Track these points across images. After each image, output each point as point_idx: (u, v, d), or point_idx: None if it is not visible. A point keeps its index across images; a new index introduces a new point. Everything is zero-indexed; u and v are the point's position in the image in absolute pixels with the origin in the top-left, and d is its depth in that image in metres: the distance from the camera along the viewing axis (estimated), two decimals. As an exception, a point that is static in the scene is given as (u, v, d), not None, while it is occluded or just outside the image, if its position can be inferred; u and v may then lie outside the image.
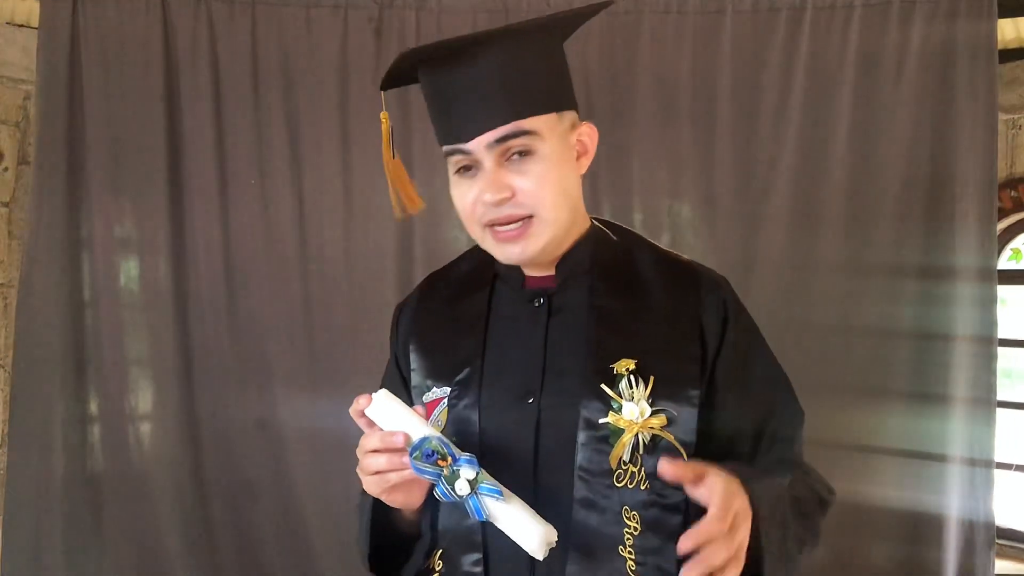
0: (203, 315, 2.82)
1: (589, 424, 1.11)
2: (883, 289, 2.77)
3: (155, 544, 2.80)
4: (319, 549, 2.83)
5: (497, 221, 1.15)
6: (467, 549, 1.14)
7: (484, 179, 1.13)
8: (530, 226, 1.14)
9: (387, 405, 1.09)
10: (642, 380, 1.12)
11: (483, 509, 1.03)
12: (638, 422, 1.11)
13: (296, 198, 2.84)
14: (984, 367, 2.72)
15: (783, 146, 2.79)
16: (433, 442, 1.03)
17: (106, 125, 2.76)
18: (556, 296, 1.21)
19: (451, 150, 1.16)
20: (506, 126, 1.12)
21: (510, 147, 1.13)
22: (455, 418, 1.16)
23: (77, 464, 2.78)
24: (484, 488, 1.03)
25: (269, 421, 2.83)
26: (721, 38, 2.81)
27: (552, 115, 1.16)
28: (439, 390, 1.20)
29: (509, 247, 1.16)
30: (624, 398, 1.11)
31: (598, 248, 1.25)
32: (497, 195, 1.12)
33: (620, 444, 1.10)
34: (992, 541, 2.76)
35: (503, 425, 1.14)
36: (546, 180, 1.14)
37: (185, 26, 2.79)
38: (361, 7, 2.83)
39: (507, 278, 1.25)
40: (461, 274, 1.32)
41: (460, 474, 1.02)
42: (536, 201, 1.13)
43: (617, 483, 1.10)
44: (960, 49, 2.71)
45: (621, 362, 1.13)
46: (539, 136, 1.13)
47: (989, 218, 2.73)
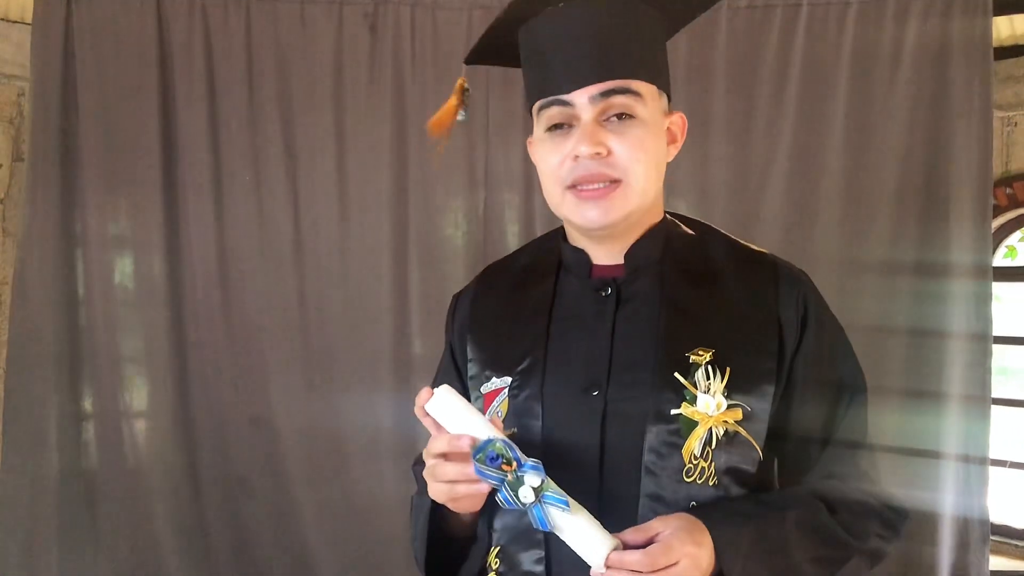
0: (197, 312, 2.82)
1: (660, 416, 1.06)
2: (878, 286, 2.77)
3: (149, 541, 2.79)
4: (313, 546, 2.83)
5: (584, 179, 1.09)
6: (528, 547, 1.10)
7: (580, 133, 1.08)
8: (616, 189, 1.09)
9: (448, 401, 1.04)
10: (719, 371, 1.07)
11: (547, 519, 0.98)
12: (713, 415, 1.06)
13: (291, 195, 2.84)
14: (979, 364, 2.72)
15: (778, 143, 2.79)
16: (498, 445, 0.98)
17: (100, 122, 2.75)
18: (625, 286, 1.16)
19: (549, 102, 1.11)
20: (614, 80, 1.08)
21: (612, 104, 1.09)
22: (516, 409, 1.11)
23: (71, 461, 2.78)
24: (549, 497, 0.98)
25: (263, 418, 2.83)
26: (717, 34, 2.80)
27: (654, 88, 1.13)
28: (499, 380, 1.15)
29: (590, 208, 1.10)
30: (699, 389, 1.06)
31: (670, 239, 1.20)
32: (593, 148, 1.07)
33: (694, 436, 1.05)
34: (987, 537, 2.76)
35: (567, 418, 1.09)
36: (642, 147, 1.10)
37: (179, 22, 2.78)
38: (356, 3, 2.82)
39: (573, 267, 1.19)
40: (523, 264, 1.27)
41: (525, 480, 0.97)
42: (629, 164, 1.09)
43: (687, 478, 1.05)
44: (956, 46, 2.71)
45: (698, 351, 1.08)
46: (642, 100, 1.10)
47: (984, 215, 2.73)
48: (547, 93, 1.11)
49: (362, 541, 2.81)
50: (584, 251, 1.19)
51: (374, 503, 2.74)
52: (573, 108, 1.09)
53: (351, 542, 2.83)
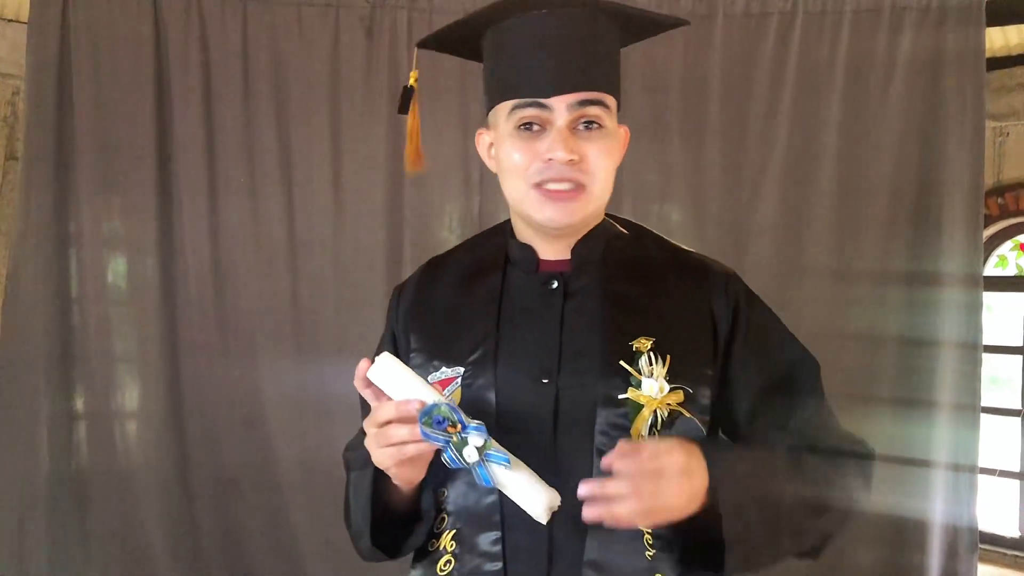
0: (190, 313, 2.82)
1: (609, 400, 1.13)
2: (870, 295, 2.78)
3: (140, 542, 2.79)
4: (304, 546, 2.83)
5: (552, 179, 1.16)
6: (485, 528, 1.14)
7: (555, 138, 1.14)
8: (581, 193, 1.17)
9: (392, 367, 1.08)
10: (660, 358, 1.14)
11: (490, 476, 1.04)
12: (657, 398, 1.12)
13: (285, 196, 2.84)
14: (969, 373, 2.73)
15: (772, 151, 2.80)
16: (443, 408, 1.03)
17: (95, 121, 2.75)
18: (571, 280, 1.22)
19: (524, 103, 1.16)
20: (593, 92, 1.15)
21: (585, 114, 1.15)
22: (470, 398, 1.16)
23: (62, 461, 2.77)
24: (492, 455, 1.03)
25: (255, 420, 2.83)
26: (712, 42, 2.82)
27: (615, 100, 1.20)
28: (449, 370, 1.19)
29: (554, 208, 1.17)
30: (643, 375, 1.13)
31: (610, 238, 1.27)
32: (569, 155, 1.13)
33: (640, 418, 1.12)
34: (975, 546, 2.78)
35: (521, 405, 1.15)
36: (607, 155, 1.17)
37: (176, 23, 2.78)
38: (352, 6, 2.83)
39: (520, 262, 1.25)
40: (469, 259, 1.32)
41: (469, 441, 1.02)
42: (596, 171, 1.16)
43: None
44: (949, 57, 2.73)
45: (640, 340, 1.15)
46: (609, 112, 1.18)
47: (976, 225, 2.74)
48: (524, 94, 1.16)
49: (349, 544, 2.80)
50: (531, 247, 1.25)
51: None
52: (550, 112, 1.15)
53: (342, 543, 2.82)
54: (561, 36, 1.14)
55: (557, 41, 1.14)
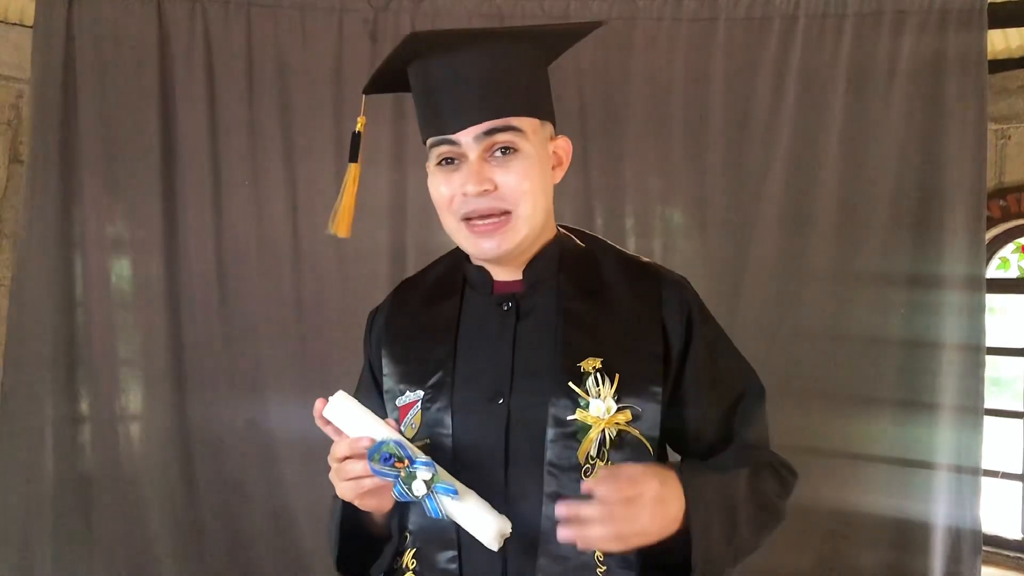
0: (195, 316, 2.82)
1: (557, 421, 1.15)
2: (872, 297, 2.79)
3: (145, 544, 2.79)
4: (309, 549, 2.83)
5: (475, 214, 1.18)
6: (442, 547, 1.17)
7: (466, 171, 1.16)
8: (508, 222, 1.18)
9: (344, 406, 1.12)
10: (608, 378, 1.16)
11: (439, 508, 1.07)
12: (604, 418, 1.14)
13: (289, 200, 2.85)
14: (972, 375, 2.73)
15: (774, 154, 2.81)
16: (390, 445, 1.07)
17: (100, 125, 2.76)
18: (524, 300, 1.24)
19: (437, 140, 1.19)
20: (496, 119, 1.16)
21: (496, 142, 1.16)
22: (428, 421, 1.19)
23: (67, 464, 2.78)
24: (440, 488, 1.07)
25: (259, 422, 2.83)
26: (714, 46, 2.82)
27: (535, 120, 1.20)
28: (412, 394, 1.22)
29: (485, 241, 1.19)
30: (591, 395, 1.15)
31: (564, 253, 1.28)
32: (479, 187, 1.15)
33: (588, 440, 1.14)
34: (978, 548, 2.78)
35: (474, 426, 1.18)
36: (527, 177, 1.17)
37: (180, 27, 2.79)
38: (356, 10, 2.84)
39: (476, 284, 1.28)
40: (432, 280, 1.35)
41: (417, 475, 1.06)
42: (516, 196, 1.17)
43: (585, 477, 1.13)
44: (950, 59, 2.73)
45: (588, 360, 1.17)
46: (524, 135, 1.18)
47: (978, 227, 2.75)
48: (435, 132, 1.20)
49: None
50: (486, 269, 1.27)
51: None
52: (459, 146, 1.17)
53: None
54: (467, 70, 1.16)
55: (464, 76, 1.16)
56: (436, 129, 1.19)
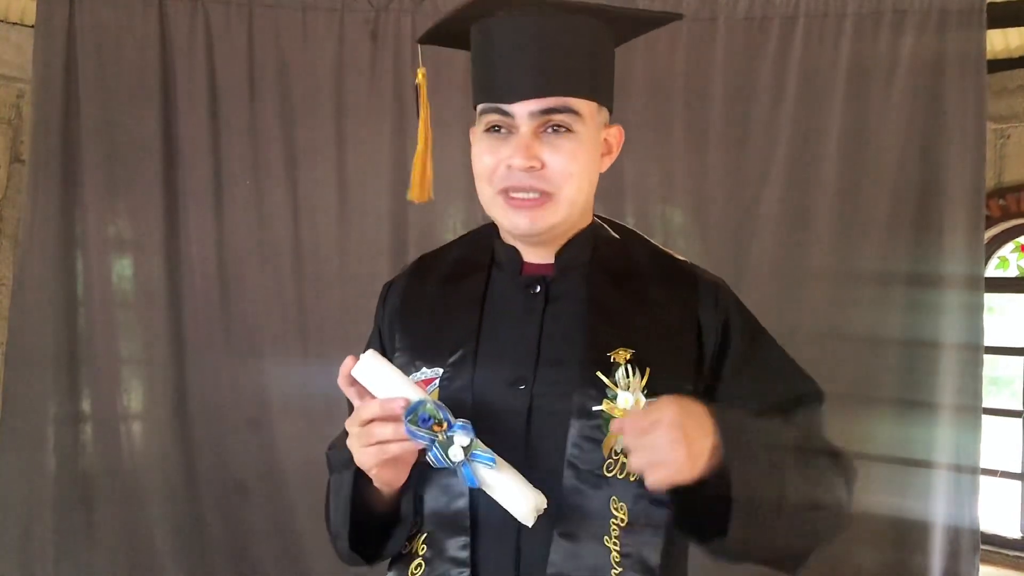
0: (196, 314, 2.83)
1: (582, 412, 1.10)
2: (871, 296, 2.79)
3: (146, 543, 2.80)
4: (310, 548, 2.84)
5: (516, 187, 1.13)
6: (454, 533, 1.12)
7: (516, 144, 1.12)
8: (547, 201, 1.13)
9: (376, 365, 1.06)
10: (638, 370, 1.11)
11: (476, 476, 1.02)
12: (632, 411, 1.09)
13: (290, 199, 2.85)
14: (971, 374, 2.74)
15: (774, 153, 2.81)
16: (428, 406, 1.01)
17: (101, 124, 2.77)
18: (554, 285, 1.20)
19: (490, 108, 1.14)
20: (556, 98, 1.11)
21: (551, 120, 1.12)
22: (447, 399, 1.12)
23: (68, 462, 2.79)
24: (478, 455, 1.02)
25: (261, 420, 2.84)
26: (714, 45, 2.83)
27: (594, 104, 1.16)
28: (429, 371, 1.17)
29: (519, 216, 1.14)
30: (620, 387, 1.10)
31: (598, 242, 1.24)
32: (527, 162, 1.11)
33: (614, 433, 1.09)
34: (977, 546, 2.79)
35: (494, 410, 1.12)
36: (576, 161, 1.13)
37: (181, 27, 2.79)
38: (357, 10, 2.84)
39: (505, 264, 1.23)
40: (456, 257, 1.30)
41: (455, 440, 1.01)
42: (561, 179, 1.13)
43: (607, 472, 1.09)
44: (950, 59, 2.74)
45: (618, 351, 1.12)
46: (580, 118, 1.13)
47: (977, 227, 2.75)
48: (490, 99, 1.14)
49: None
50: (516, 249, 1.22)
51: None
52: (512, 118, 1.13)
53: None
54: (534, 40, 1.11)
55: (529, 45, 1.11)
56: (490, 96, 1.14)
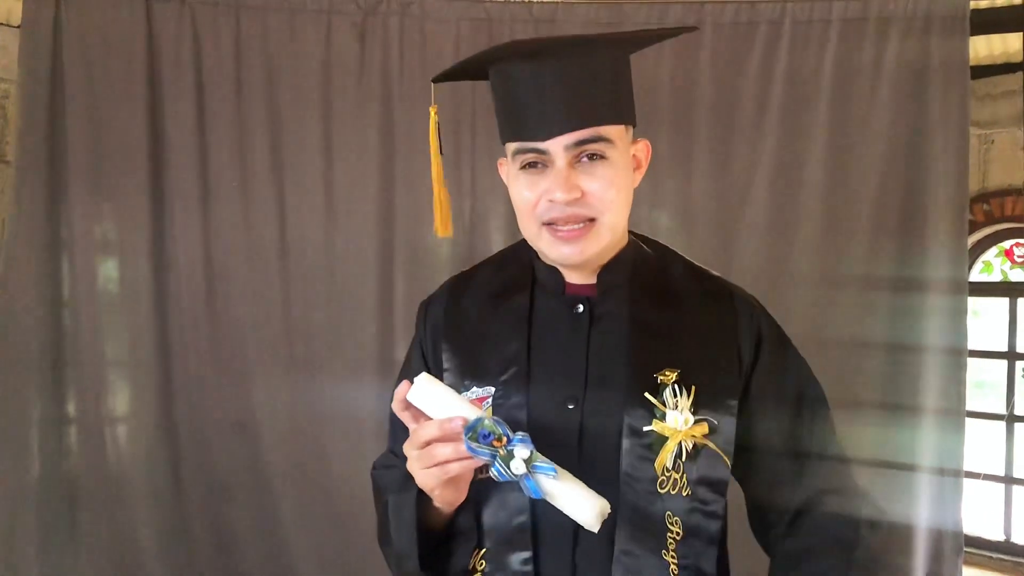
0: (182, 317, 2.82)
1: (633, 431, 1.13)
2: (856, 300, 2.80)
3: (131, 546, 2.79)
4: (296, 551, 2.83)
5: (560, 220, 1.16)
6: (516, 548, 1.15)
7: (555, 177, 1.15)
8: (591, 228, 1.17)
9: (431, 388, 1.09)
10: (685, 390, 1.15)
11: (539, 487, 1.04)
12: (682, 430, 1.13)
13: (278, 201, 2.85)
14: (954, 378, 2.76)
15: (759, 159, 2.83)
16: (487, 422, 1.04)
17: (88, 125, 2.75)
18: (598, 305, 1.23)
19: (524, 148, 1.17)
20: (587, 130, 1.15)
21: (584, 150, 1.15)
22: (501, 417, 1.13)
23: (53, 466, 2.76)
24: (539, 467, 1.04)
25: (247, 423, 2.83)
26: (700, 50, 2.84)
27: (621, 127, 1.20)
28: (480, 389, 1.20)
29: (567, 247, 1.17)
30: (668, 407, 1.14)
31: (637, 260, 1.28)
32: (569, 195, 1.14)
33: (665, 451, 1.13)
34: (960, 549, 2.80)
35: (547, 429, 1.15)
36: (613, 185, 1.17)
37: (168, 28, 2.79)
38: (345, 13, 2.84)
39: (547, 284, 1.26)
40: (496, 276, 1.32)
41: (515, 454, 1.03)
42: (603, 205, 1.16)
43: (660, 489, 1.13)
44: (934, 65, 2.75)
45: (665, 372, 1.16)
46: (612, 144, 1.17)
47: (961, 231, 2.77)
48: (522, 138, 1.17)
49: (345, 546, 2.82)
50: (558, 270, 1.26)
51: (357, 508, 2.75)
52: (547, 155, 1.16)
53: (334, 547, 2.84)
54: (557, 78, 1.14)
55: (553, 84, 1.14)
56: (522, 135, 1.17)
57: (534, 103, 1.15)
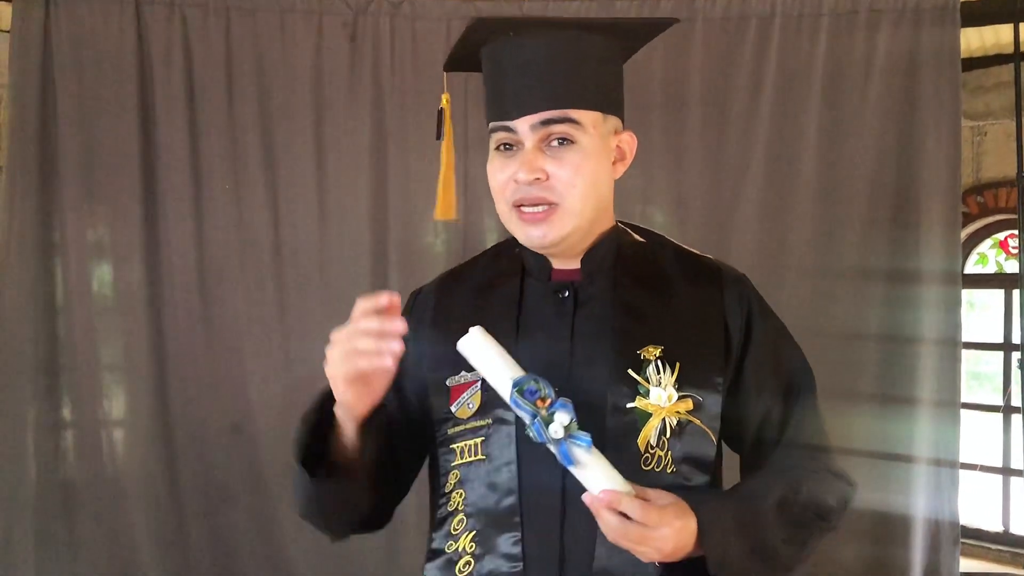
0: (177, 320, 2.82)
1: (617, 409, 1.14)
2: (850, 292, 2.81)
3: (128, 551, 2.78)
4: (293, 553, 2.83)
5: (524, 201, 1.17)
6: (505, 529, 1.15)
7: (521, 158, 1.16)
8: (553, 213, 1.17)
9: (482, 342, 1.09)
10: (668, 366, 1.16)
11: (572, 456, 1.04)
12: (665, 407, 1.14)
13: (270, 203, 2.85)
14: (949, 369, 2.77)
15: (752, 152, 2.83)
16: (536, 380, 1.04)
17: (79, 130, 2.75)
18: (582, 289, 1.23)
19: (497, 126, 1.19)
20: (553, 111, 1.15)
21: (552, 132, 1.16)
22: (491, 402, 1.16)
23: (49, 470, 2.76)
24: (575, 436, 1.04)
25: (243, 425, 2.83)
26: (692, 45, 2.84)
27: (598, 114, 1.19)
28: (468, 374, 1.20)
29: (532, 229, 1.18)
30: (651, 383, 1.15)
31: (622, 244, 1.28)
32: (530, 175, 1.15)
33: (648, 427, 1.13)
34: (957, 540, 2.81)
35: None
36: (580, 171, 1.17)
37: (159, 31, 2.78)
38: (336, 13, 2.84)
39: (534, 271, 1.27)
40: (486, 267, 1.34)
41: (555, 418, 1.03)
42: (565, 189, 1.16)
43: (644, 467, 1.13)
44: (925, 57, 2.76)
45: (648, 348, 1.17)
46: (582, 128, 1.17)
47: (954, 223, 2.78)
48: (496, 117, 1.19)
49: (341, 550, 2.81)
50: (545, 257, 1.26)
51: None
52: (516, 134, 1.17)
53: (330, 551, 2.83)
54: (537, 58, 1.16)
55: (532, 64, 1.16)
56: (497, 114, 1.19)
57: (510, 83, 1.17)
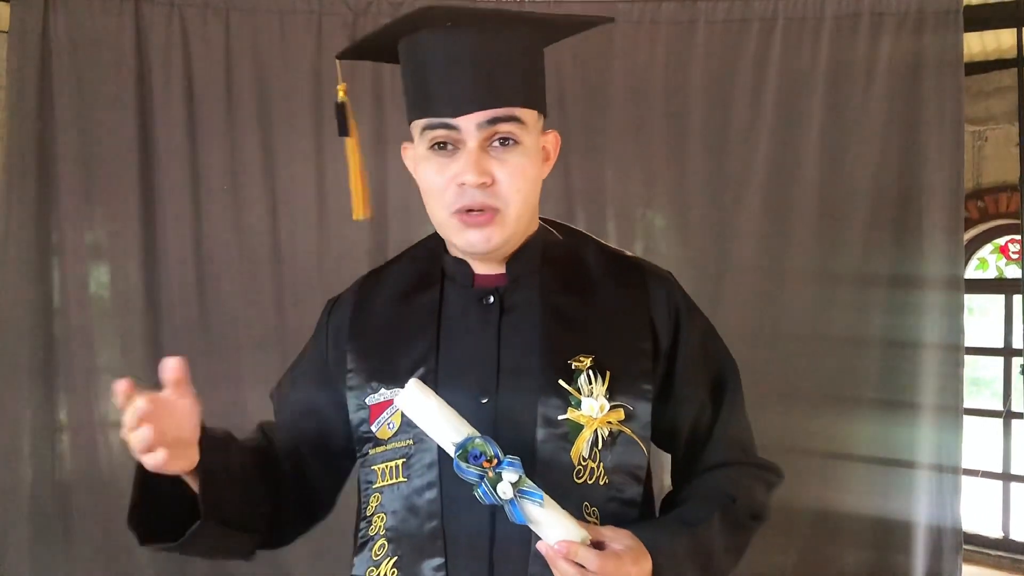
0: (174, 321, 2.80)
1: (548, 421, 1.10)
2: (852, 297, 2.80)
3: (124, 553, 2.76)
4: (289, 555, 2.81)
5: (472, 206, 1.11)
6: (428, 555, 1.11)
7: (466, 159, 1.09)
8: (494, 217, 1.12)
9: (419, 398, 1.04)
10: (600, 375, 1.12)
11: (523, 513, 1.00)
12: (597, 417, 1.11)
13: (269, 203, 2.84)
14: (951, 375, 2.76)
15: (754, 156, 2.82)
16: (479, 441, 1.00)
17: (77, 131, 2.74)
18: (507, 295, 1.18)
19: (433, 123, 1.11)
20: (502, 108, 1.09)
21: (498, 131, 1.10)
22: (410, 422, 1.09)
23: (45, 472, 2.75)
24: (526, 492, 1.00)
25: (241, 428, 2.80)
26: (693, 48, 2.83)
27: (535, 112, 1.14)
28: (388, 391, 1.15)
29: (475, 234, 1.12)
30: (583, 394, 1.11)
31: (547, 246, 1.23)
32: (479, 178, 1.08)
33: (580, 439, 1.10)
34: (959, 546, 2.80)
35: None
36: (523, 174, 1.12)
37: (158, 32, 2.77)
38: (336, 14, 2.83)
39: (456, 277, 1.21)
40: (404, 273, 1.27)
41: (503, 477, 1.00)
42: (510, 195, 1.11)
43: (577, 479, 1.09)
44: (927, 62, 2.76)
45: (579, 358, 1.13)
46: (525, 127, 1.12)
47: (956, 228, 2.77)
48: (432, 114, 1.11)
49: (340, 554, 2.79)
50: (466, 261, 1.21)
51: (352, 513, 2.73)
52: (459, 132, 1.10)
53: (329, 554, 2.81)
54: (471, 52, 1.09)
55: (466, 57, 1.09)
56: (432, 111, 1.10)
57: (446, 77, 1.09)
